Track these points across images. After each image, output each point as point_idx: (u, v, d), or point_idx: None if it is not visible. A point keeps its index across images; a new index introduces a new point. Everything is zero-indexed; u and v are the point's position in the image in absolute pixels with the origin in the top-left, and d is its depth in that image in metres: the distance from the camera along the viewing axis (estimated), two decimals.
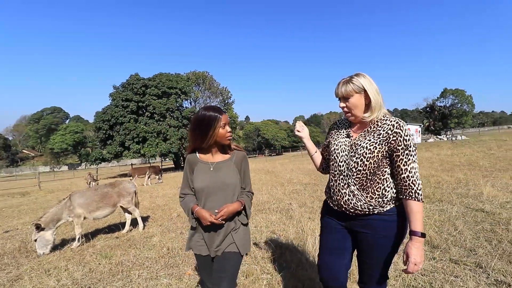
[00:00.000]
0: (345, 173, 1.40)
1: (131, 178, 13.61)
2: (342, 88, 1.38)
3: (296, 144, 63.35)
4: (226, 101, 34.91)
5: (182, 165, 28.76)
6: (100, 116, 24.69)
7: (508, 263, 2.36)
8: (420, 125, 38.03)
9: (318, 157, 1.71)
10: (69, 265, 3.35)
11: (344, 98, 1.39)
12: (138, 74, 25.97)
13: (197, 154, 1.60)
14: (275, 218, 4.32)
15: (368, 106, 1.36)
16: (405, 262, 1.26)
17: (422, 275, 2.30)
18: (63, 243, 4.33)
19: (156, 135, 23.72)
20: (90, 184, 13.16)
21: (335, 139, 1.49)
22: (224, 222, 1.49)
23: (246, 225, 1.60)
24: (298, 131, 1.67)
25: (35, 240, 3.79)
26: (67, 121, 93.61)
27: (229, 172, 1.56)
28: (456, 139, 25.32)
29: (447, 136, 37.00)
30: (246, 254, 1.55)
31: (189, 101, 29.89)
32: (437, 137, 37.03)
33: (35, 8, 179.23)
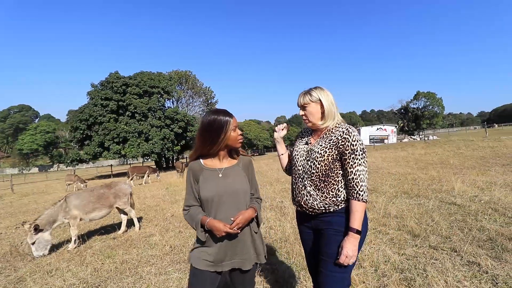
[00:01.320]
0: (302, 176, 1.52)
1: (128, 177, 13.44)
2: (301, 98, 1.57)
3: None
4: (209, 101, 34.70)
5: (164, 165, 28.32)
6: (77, 116, 23.71)
7: (477, 247, 2.76)
8: (396, 126, 40.02)
9: (285, 159, 1.81)
10: (70, 266, 3.37)
11: (303, 107, 1.57)
12: (118, 72, 25.21)
13: (201, 160, 1.51)
14: (270, 215, 4.56)
15: (323, 114, 1.53)
16: (339, 254, 1.37)
17: (407, 260, 2.63)
18: (58, 245, 4.29)
19: (137, 135, 23.16)
20: (76, 186, 12.73)
21: (297, 145, 1.65)
22: (239, 231, 1.41)
23: (257, 232, 1.52)
24: (275, 131, 1.82)
25: (33, 243, 3.75)
26: (37, 120, 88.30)
27: (239, 178, 1.49)
28: (428, 139, 26.95)
29: (420, 136, 39.18)
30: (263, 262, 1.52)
31: (171, 100, 29.40)
32: (411, 137, 39.13)
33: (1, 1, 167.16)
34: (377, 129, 36.71)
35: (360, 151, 1.40)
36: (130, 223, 4.90)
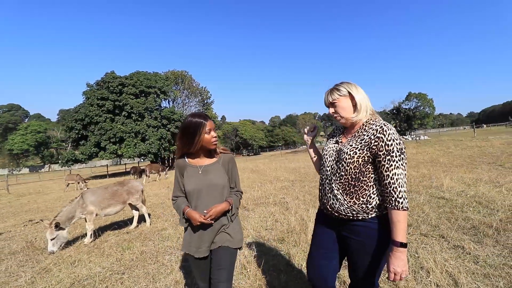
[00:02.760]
0: (330, 178, 1.43)
1: (146, 175, 14.42)
2: (329, 96, 1.47)
3: (273, 144, 64.56)
4: (205, 101, 34.84)
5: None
6: (72, 115, 23.60)
7: (462, 234, 3.12)
8: None
9: (317, 161, 1.75)
10: (91, 257, 3.61)
11: (331, 104, 1.47)
12: (114, 72, 25.18)
13: (186, 158, 1.68)
14: (275, 209, 4.87)
15: (355, 107, 1.42)
16: (388, 270, 1.27)
17: None
18: (73, 240, 4.51)
19: (134, 135, 23.19)
20: (78, 185, 12.83)
21: (327, 145, 1.57)
22: (213, 222, 1.58)
23: (233, 221, 1.67)
24: (305, 133, 1.78)
25: (52, 239, 3.96)
26: (27, 119, 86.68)
27: (217, 173, 1.64)
28: (419, 139, 27.66)
29: (412, 136, 40.07)
30: (240, 248, 1.69)
31: (167, 100, 29.46)
32: (404, 137, 40.00)
33: None
34: None
35: (398, 151, 1.25)
36: (140, 219, 5.14)
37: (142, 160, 25.89)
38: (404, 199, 1.23)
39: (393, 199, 1.24)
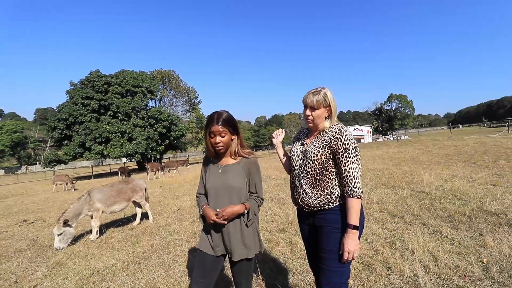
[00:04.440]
0: (298, 175, 1.59)
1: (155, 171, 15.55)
2: (313, 98, 1.55)
3: (259, 144, 65.03)
4: (192, 101, 34.68)
5: (146, 166, 27.97)
6: (55, 115, 22.90)
7: (440, 221, 3.58)
8: (371, 126, 42.31)
9: (286, 162, 1.89)
10: (102, 251, 3.80)
11: (312, 108, 1.56)
12: (99, 70, 24.63)
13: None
14: (272, 205, 5.21)
15: (328, 118, 1.57)
16: (341, 250, 1.43)
17: (389, 231, 3.39)
18: (77, 237, 4.63)
19: (120, 135, 22.82)
20: (66, 186, 12.60)
21: (294, 146, 1.72)
22: (226, 223, 1.56)
23: (249, 227, 1.62)
24: (273, 137, 1.93)
25: (59, 235, 4.09)
26: (0, 118, 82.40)
27: (235, 175, 1.63)
28: (400, 138, 28.95)
29: (393, 136, 41.72)
30: (260, 252, 1.68)
31: (154, 100, 29.13)
32: (385, 137, 41.57)
33: None
34: (354, 129, 38.66)
35: (353, 149, 1.46)
36: (141, 216, 5.31)
37: (128, 161, 25.50)
38: (358, 189, 1.43)
39: (349, 188, 1.44)
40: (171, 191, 8.84)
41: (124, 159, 24.41)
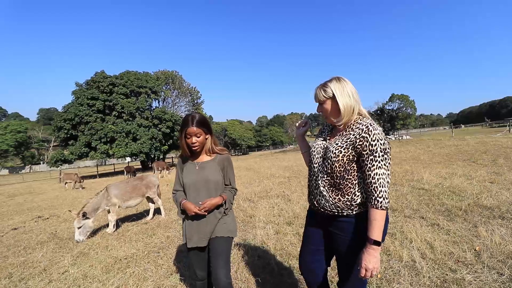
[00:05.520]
0: (317, 174, 1.46)
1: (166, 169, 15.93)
2: (318, 94, 1.43)
3: (261, 144, 65.31)
4: (195, 101, 35.00)
5: (150, 165, 28.31)
6: (60, 115, 23.27)
7: (438, 215, 3.82)
8: None
9: (307, 157, 1.70)
10: (120, 243, 4.06)
11: (319, 103, 1.46)
12: (104, 71, 25.00)
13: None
14: (277, 201, 5.46)
15: (339, 111, 1.38)
16: (358, 265, 1.28)
17: (389, 224, 3.63)
18: (94, 231, 4.91)
19: (125, 135, 23.16)
20: (75, 185, 12.93)
21: (315, 142, 1.56)
22: (206, 214, 1.73)
23: (227, 214, 1.83)
24: (297, 127, 1.78)
25: (79, 227, 4.36)
26: (4, 118, 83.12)
27: (212, 170, 1.79)
28: (402, 138, 29.11)
29: (395, 136, 41.84)
30: (233, 237, 1.85)
31: (157, 100, 29.48)
32: (387, 137, 41.66)
33: None
34: None
35: (381, 151, 1.26)
36: (154, 211, 5.58)
37: (132, 160, 25.83)
38: (384, 199, 1.25)
39: (373, 197, 1.26)
40: None
41: (128, 159, 24.73)
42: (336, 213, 1.38)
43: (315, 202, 1.47)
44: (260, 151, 56.96)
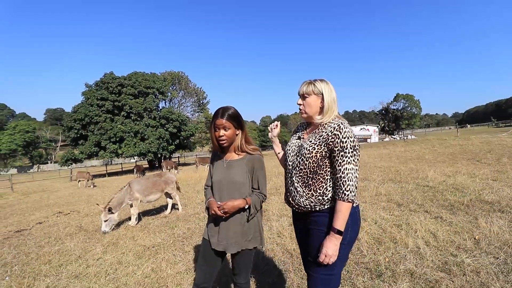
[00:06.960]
0: (291, 172, 1.51)
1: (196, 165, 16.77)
2: (303, 87, 1.50)
3: (265, 144, 65.63)
4: (201, 101, 35.46)
5: (157, 165, 28.85)
6: (71, 115, 23.86)
7: (441, 209, 4.09)
8: (377, 126, 42.53)
9: (282, 157, 1.79)
10: (145, 235, 4.39)
11: (303, 96, 1.51)
12: (113, 72, 25.56)
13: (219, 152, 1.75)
14: (278, 198, 5.74)
15: (322, 109, 1.48)
16: (319, 252, 1.35)
17: (396, 217, 3.91)
18: (117, 224, 5.25)
19: (133, 135, 23.67)
20: (87, 183, 13.38)
21: (290, 141, 1.63)
22: (225, 215, 1.59)
23: (249, 222, 1.65)
24: (269, 130, 1.86)
25: (105, 221, 4.70)
26: (11, 119, 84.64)
27: (239, 170, 1.66)
28: (407, 138, 29.16)
29: (400, 135, 41.81)
30: (257, 247, 1.70)
31: (164, 101, 29.98)
32: (392, 137, 41.71)
33: None
34: (361, 129, 38.94)
35: (351, 148, 1.35)
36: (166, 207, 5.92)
37: (140, 159, 26.32)
38: (350, 192, 1.32)
39: (341, 191, 1.34)
40: (190, 186, 9.46)
41: (136, 158, 25.22)
42: (309, 209, 1.45)
43: (290, 199, 1.52)
44: (265, 151, 57.27)
